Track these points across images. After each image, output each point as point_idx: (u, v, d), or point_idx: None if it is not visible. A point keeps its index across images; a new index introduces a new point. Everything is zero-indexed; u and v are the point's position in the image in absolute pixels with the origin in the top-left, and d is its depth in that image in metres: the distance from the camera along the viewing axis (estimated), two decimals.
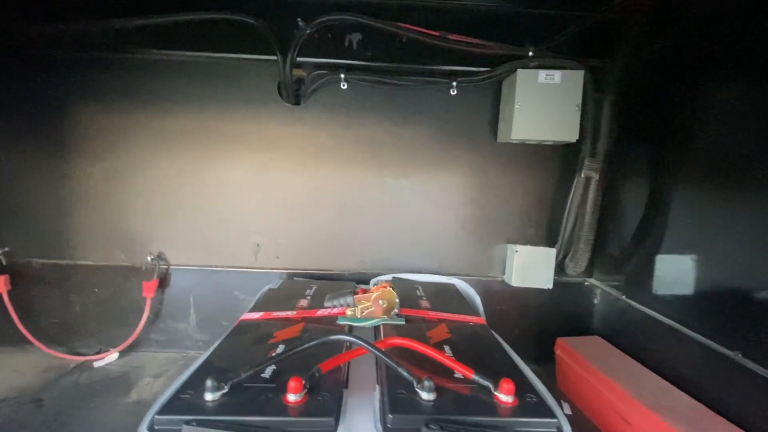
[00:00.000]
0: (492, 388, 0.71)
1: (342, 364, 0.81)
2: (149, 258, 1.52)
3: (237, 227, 1.55)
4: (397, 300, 1.08)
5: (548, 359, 1.45)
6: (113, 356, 1.50)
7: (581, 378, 1.26)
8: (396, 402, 0.68)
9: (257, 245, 1.56)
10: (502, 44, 1.33)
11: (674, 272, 1.19)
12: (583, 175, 1.39)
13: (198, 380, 0.71)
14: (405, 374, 0.72)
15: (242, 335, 0.98)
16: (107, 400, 1.26)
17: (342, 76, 1.42)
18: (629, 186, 1.40)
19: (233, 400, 0.68)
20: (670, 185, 1.21)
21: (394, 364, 0.74)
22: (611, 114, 1.35)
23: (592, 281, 1.57)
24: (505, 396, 0.69)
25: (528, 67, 1.34)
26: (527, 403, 0.70)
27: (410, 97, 1.51)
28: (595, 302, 1.56)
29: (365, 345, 0.78)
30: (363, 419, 0.70)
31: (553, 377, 1.43)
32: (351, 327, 1.05)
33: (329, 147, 1.53)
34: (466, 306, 1.26)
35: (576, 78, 1.32)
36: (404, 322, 1.06)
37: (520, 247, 1.51)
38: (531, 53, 1.33)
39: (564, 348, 1.38)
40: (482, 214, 1.57)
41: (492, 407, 0.69)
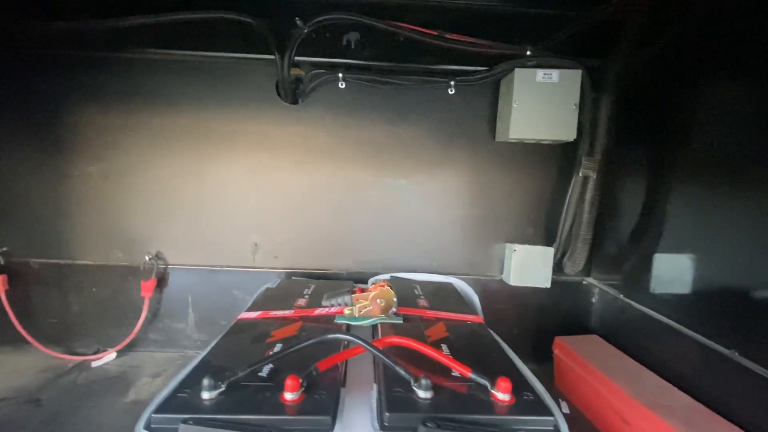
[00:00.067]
0: (489, 387, 0.71)
1: (339, 363, 0.81)
2: (147, 258, 1.52)
3: (235, 227, 1.55)
4: (395, 299, 1.08)
5: (546, 358, 1.45)
6: (111, 356, 1.50)
7: (579, 377, 1.27)
8: (393, 400, 0.68)
9: (255, 245, 1.56)
10: (500, 43, 1.33)
11: (672, 271, 1.19)
12: (581, 174, 1.39)
13: (195, 379, 0.71)
14: (402, 373, 0.72)
15: (240, 334, 0.98)
16: (105, 400, 1.26)
17: (340, 76, 1.42)
18: (627, 185, 1.41)
19: (230, 399, 0.68)
20: (668, 184, 1.21)
21: (392, 363, 0.74)
22: (609, 113, 1.36)
23: (590, 280, 1.57)
24: (502, 394, 0.69)
25: (526, 67, 1.34)
26: (524, 402, 0.70)
27: (408, 97, 1.51)
28: (593, 301, 1.56)
29: (362, 344, 0.78)
30: (360, 417, 0.69)
31: (552, 376, 1.43)
32: (349, 326, 1.05)
33: (327, 146, 1.53)
34: (464, 305, 1.26)
35: (574, 77, 1.33)
36: (402, 321, 1.06)
37: (518, 246, 1.51)
38: (529, 52, 1.33)
39: (562, 347, 1.38)
40: (480, 214, 1.58)
41: (489, 405, 0.69)
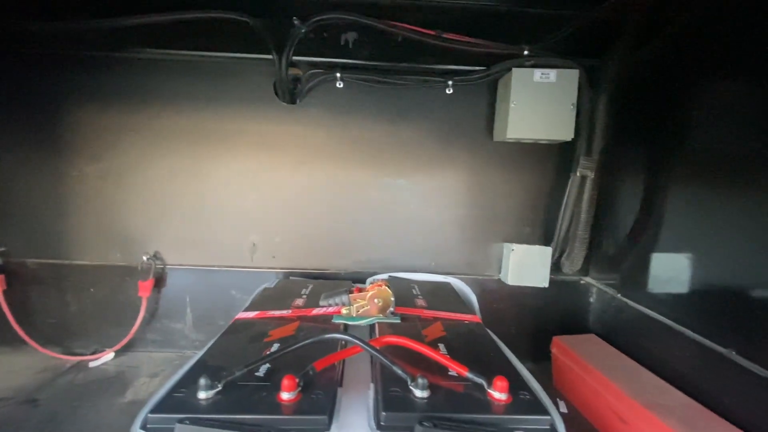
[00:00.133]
0: (486, 386, 0.71)
1: (336, 363, 0.80)
2: (145, 257, 1.51)
3: (233, 227, 1.55)
4: (393, 298, 1.08)
5: (544, 358, 1.45)
6: (109, 356, 1.50)
7: (577, 376, 1.27)
8: (389, 400, 0.68)
9: (253, 244, 1.56)
10: (498, 43, 1.33)
11: (669, 270, 1.19)
12: (579, 174, 1.39)
13: (192, 379, 0.71)
14: (399, 372, 0.72)
15: (237, 334, 0.98)
16: (103, 400, 1.26)
17: (338, 75, 1.42)
18: (624, 185, 1.41)
19: (227, 399, 0.68)
20: (665, 184, 1.21)
21: (389, 362, 0.74)
22: (606, 113, 1.36)
23: (588, 280, 1.58)
24: (499, 393, 0.69)
25: (523, 66, 1.34)
26: (521, 401, 0.70)
27: (406, 97, 1.51)
28: (591, 300, 1.56)
29: (360, 343, 0.78)
30: (357, 417, 0.69)
31: (550, 376, 1.43)
32: (346, 325, 1.05)
33: (325, 146, 1.53)
34: (462, 304, 1.26)
35: (571, 77, 1.33)
36: (399, 321, 1.06)
37: (516, 246, 1.52)
38: (526, 52, 1.33)
39: (560, 346, 1.39)
40: (478, 213, 1.57)
41: (485, 405, 0.69)
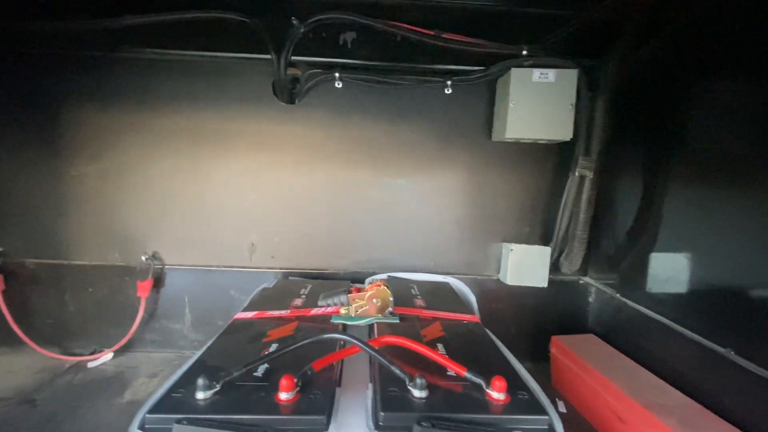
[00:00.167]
0: (484, 386, 0.71)
1: (335, 363, 0.80)
2: (144, 258, 1.51)
3: (232, 227, 1.55)
4: (391, 298, 1.08)
5: (543, 357, 1.45)
6: (108, 356, 1.50)
7: (576, 376, 1.27)
8: (388, 400, 0.68)
9: (252, 245, 1.56)
10: (497, 43, 1.33)
11: (668, 270, 1.19)
12: (577, 174, 1.39)
13: (190, 379, 0.71)
14: (397, 372, 0.72)
15: (235, 334, 0.98)
16: (102, 401, 1.26)
17: (337, 75, 1.42)
18: (623, 184, 1.41)
19: (225, 399, 0.68)
20: (664, 184, 1.21)
21: (387, 362, 0.74)
22: (605, 113, 1.36)
23: (587, 279, 1.58)
24: (497, 393, 0.69)
25: (522, 66, 1.34)
26: (519, 401, 0.70)
27: (405, 96, 1.51)
28: (590, 300, 1.56)
29: (358, 343, 0.78)
30: (355, 417, 0.69)
31: (549, 375, 1.43)
32: (345, 326, 1.05)
33: (324, 146, 1.53)
34: (461, 304, 1.26)
35: (570, 77, 1.33)
36: (398, 321, 1.06)
37: (515, 246, 1.52)
38: (525, 52, 1.33)
39: (559, 346, 1.39)
40: (477, 213, 1.58)
41: (484, 404, 0.69)
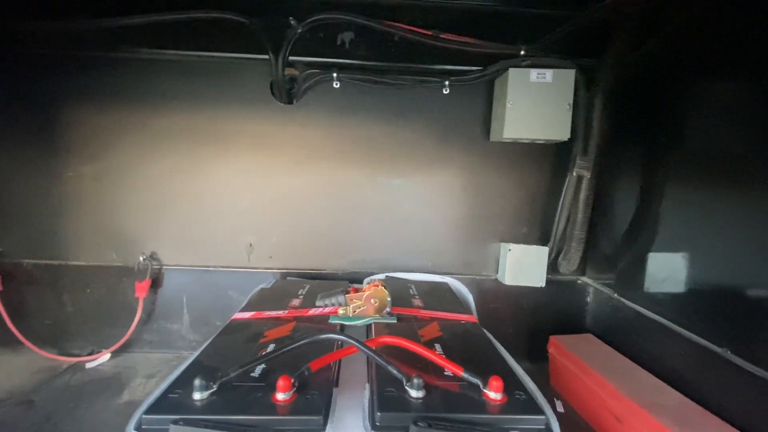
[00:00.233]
0: (481, 386, 0.71)
1: (332, 363, 0.81)
2: (142, 258, 1.51)
3: (230, 227, 1.55)
4: (389, 299, 1.07)
5: (541, 357, 1.45)
6: (106, 357, 1.50)
7: (574, 376, 1.27)
8: (385, 400, 0.68)
9: (250, 245, 1.56)
10: (494, 43, 1.33)
11: (665, 270, 1.19)
12: (575, 174, 1.39)
13: (187, 380, 0.71)
14: (394, 372, 0.72)
15: (233, 335, 0.97)
16: (99, 401, 1.25)
17: (334, 75, 1.42)
18: (621, 184, 1.41)
19: (222, 399, 0.68)
20: (661, 183, 1.22)
21: (384, 362, 0.74)
22: (602, 113, 1.36)
23: (585, 279, 1.58)
24: (494, 393, 0.69)
25: (520, 66, 1.34)
26: (516, 401, 0.70)
27: (403, 96, 1.51)
28: (588, 300, 1.57)
29: (355, 343, 0.78)
30: (352, 417, 0.69)
31: (547, 375, 1.43)
32: (343, 326, 1.05)
33: (322, 146, 1.53)
34: (459, 304, 1.26)
35: (567, 77, 1.33)
36: (396, 321, 1.06)
37: (513, 246, 1.52)
38: (523, 52, 1.33)
39: (557, 346, 1.39)
40: (475, 213, 1.58)
41: (481, 404, 0.69)
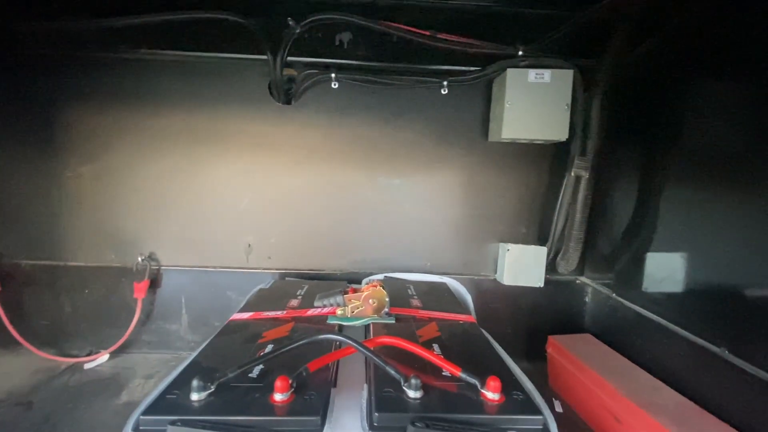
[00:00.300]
0: (479, 386, 0.71)
1: (330, 364, 0.81)
2: (140, 259, 1.51)
3: (228, 227, 1.55)
4: (387, 299, 1.07)
5: (540, 357, 1.46)
6: (104, 358, 1.49)
7: (572, 376, 1.27)
8: (382, 400, 0.68)
9: (249, 245, 1.56)
10: (493, 44, 1.33)
11: (663, 270, 1.19)
12: (573, 174, 1.39)
13: (185, 380, 0.71)
14: (392, 372, 0.72)
15: (231, 335, 0.97)
16: (98, 402, 1.25)
17: (333, 76, 1.42)
18: (619, 184, 1.41)
19: (219, 400, 0.68)
20: (660, 183, 1.22)
21: (382, 363, 0.74)
22: (601, 113, 1.35)
23: (583, 279, 1.58)
24: (492, 393, 0.69)
25: (518, 67, 1.34)
26: (514, 401, 0.70)
27: (401, 97, 1.51)
28: (587, 300, 1.57)
29: (353, 344, 0.78)
30: (350, 418, 0.69)
31: (545, 375, 1.44)
32: (341, 326, 1.05)
33: (321, 146, 1.53)
34: (457, 305, 1.26)
35: (566, 77, 1.33)
36: (394, 321, 1.06)
37: (512, 246, 1.52)
38: (521, 52, 1.34)
39: (555, 346, 1.39)
40: (474, 213, 1.58)
41: (478, 405, 0.69)
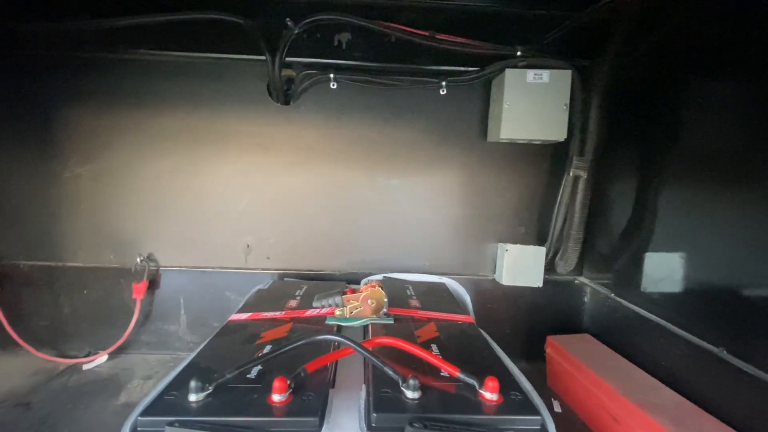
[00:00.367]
0: (477, 386, 0.71)
1: (329, 364, 0.81)
2: (139, 259, 1.51)
3: (227, 228, 1.55)
4: (386, 299, 1.08)
5: (539, 357, 1.46)
6: (103, 358, 1.49)
7: (571, 376, 1.27)
8: (380, 401, 0.68)
9: (248, 246, 1.56)
10: (491, 44, 1.33)
11: (662, 270, 1.20)
12: (572, 174, 1.39)
13: (183, 381, 0.71)
14: (390, 373, 0.72)
15: (229, 336, 0.97)
16: (96, 403, 1.25)
17: (331, 76, 1.42)
18: (617, 184, 1.41)
19: (217, 401, 0.68)
20: (658, 183, 1.22)
21: (380, 363, 0.74)
22: (599, 113, 1.36)
23: (582, 279, 1.58)
24: (490, 394, 0.70)
25: (516, 67, 1.35)
26: (512, 401, 0.70)
27: (400, 97, 1.51)
28: (585, 300, 1.57)
29: (351, 344, 0.78)
30: (348, 418, 0.69)
31: (544, 375, 1.44)
32: (339, 327, 1.05)
33: (319, 147, 1.53)
34: (456, 305, 1.26)
35: (564, 77, 1.33)
36: (393, 322, 1.06)
37: (511, 246, 1.52)
38: (519, 53, 1.34)
39: (554, 346, 1.39)
40: (472, 213, 1.58)
41: (476, 405, 0.69)
